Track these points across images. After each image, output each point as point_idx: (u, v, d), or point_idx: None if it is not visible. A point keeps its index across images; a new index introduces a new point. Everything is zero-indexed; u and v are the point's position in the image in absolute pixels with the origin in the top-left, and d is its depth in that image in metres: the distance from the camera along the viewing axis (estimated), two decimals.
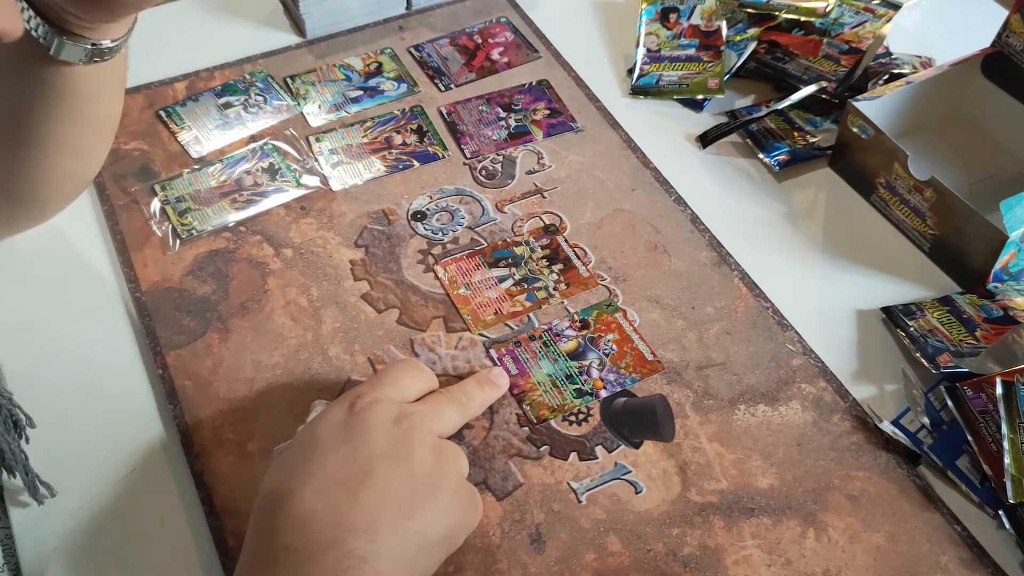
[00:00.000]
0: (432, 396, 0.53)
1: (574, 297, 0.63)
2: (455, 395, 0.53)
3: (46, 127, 0.53)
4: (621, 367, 0.59)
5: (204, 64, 0.77)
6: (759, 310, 0.62)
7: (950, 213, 0.63)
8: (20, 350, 0.59)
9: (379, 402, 0.48)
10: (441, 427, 0.51)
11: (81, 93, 0.53)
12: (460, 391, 0.54)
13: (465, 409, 0.54)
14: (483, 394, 0.55)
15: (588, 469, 0.54)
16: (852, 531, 0.52)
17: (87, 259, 0.64)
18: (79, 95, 0.53)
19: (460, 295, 0.62)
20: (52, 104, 0.52)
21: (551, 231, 0.66)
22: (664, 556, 0.51)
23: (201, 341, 0.60)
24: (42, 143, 0.54)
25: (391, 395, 0.50)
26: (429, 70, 0.78)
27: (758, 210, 0.70)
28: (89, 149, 0.58)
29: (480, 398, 0.55)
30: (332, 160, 0.71)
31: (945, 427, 0.56)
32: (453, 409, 0.52)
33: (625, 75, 0.79)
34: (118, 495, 0.53)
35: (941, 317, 0.61)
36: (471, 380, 0.56)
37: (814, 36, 0.78)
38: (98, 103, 0.55)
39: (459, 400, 0.53)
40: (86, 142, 0.57)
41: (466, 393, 0.54)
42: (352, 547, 0.43)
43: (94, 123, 0.56)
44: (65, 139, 0.55)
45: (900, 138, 0.66)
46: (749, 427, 0.56)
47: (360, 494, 0.44)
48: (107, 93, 0.55)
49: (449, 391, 0.54)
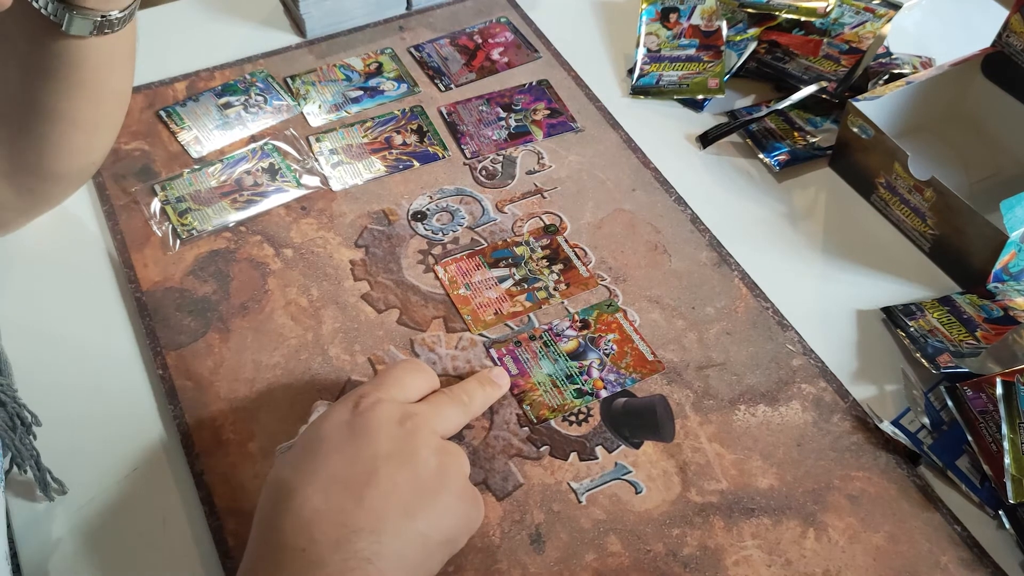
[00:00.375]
0: (434, 396, 0.53)
1: (574, 297, 0.63)
2: (457, 395, 0.53)
3: (60, 101, 0.54)
4: (621, 367, 0.59)
5: (204, 64, 0.77)
6: (759, 310, 0.62)
7: (950, 213, 0.63)
8: (20, 350, 0.58)
9: (383, 402, 0.49)
10: (444, 427, 0.51)
11: (92, 66, 0.54)
12: (462, 391, 0.54)
13: (467, 409, 0.54)
14: (485, 394, 0.55)
15: (588, 469, 0.54)
16: (852, 531, 0.52)
17: (87, 259, 0.64)
18: (90, 68, 0.54)
19: (460, 295, 0.62)
20: (64, 78, 0.53)
21: (551, 231, 0.66)
22: (664, 556, 0.51)
23: (201, 341, 0.60)
24: (57, 117, 0.55)
25: (394, 395, 0.50)
26: (429, 70, 0.78)
27: (758, 210, 0.70)
28: (101, 123, 0.59)
29: (482, 398, 0.55)
30: (332, 160, 0.71)
31: (945, 427, 0.56)
32: (455, 409, 0.53)
33: (625, 75, 0.79)
34: (118, 495, 0.53)
35: (941, 317, 0.61)
36: (473, 380, 0.56)
37: (814, 36, 0.78)
38: (109, 76, 0.56)
39: (461, 400, 0.53)
40: (99, 116, 0.58)
41: (468, 393, 0.54)
42: (358, 548, 0.43)
43: (107, 97, 0.57)
44: (79, 113, 0.56)
45: (900, 138, 0.66)
46: (749, 427, 0.57)
47: (365, 494, 0.44)
48: (118, 66, 0.56)
49: (451, 391, 0.54)
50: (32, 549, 0.51)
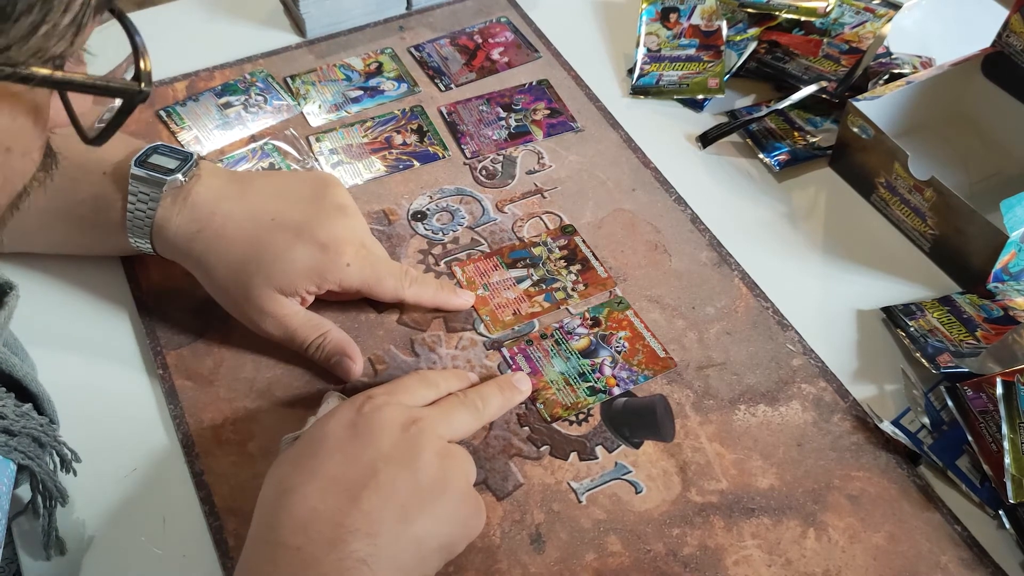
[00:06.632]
0: (446, 400, 0.52)
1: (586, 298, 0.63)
2: (471, 400, 0.53)
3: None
4: (633, 364, 0.59)
5: (204, 64, 0.77)
6: (759, 310, 0.62)
7: (950, 213, 0.63)
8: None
9: (389, 405, 0.48)
10: (451, 432, 0.50)
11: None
12: (477, 395, 0.53)
13: (480, 414, 0.53)
14: (503, 398, 0.55)
15: (588, 469, 0.54)
16: (852, 531, 0.52)
17: (87, 258, 0.64)
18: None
19: (478, 296, 0.62)
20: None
21: (568, 232, 0.66)
22: (664, 556, 0.51)
23: (201, 341, 0.60)
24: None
25: (402, 400, 0.50)
26: (429, 70, 0.78)
27: (758, 210, 0.70)
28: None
29: (498, 403, 0.54)
30: (332, 160, 0.71)
31: (945, 427, 0.56)
32: (466, 414, 0.52)
33: (625, 75, 0.79)
34: (118, 495, 0.53)
35: (941, 317, 0.61)
36: (492, 383, 0.55)
37: (814, 36, 0.78)
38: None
39: (474, 405, 0.53)
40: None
41: (483, 397, 0.53)
42: (353, 548, 0.43)
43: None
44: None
45: (900, 138, 0.66)
46: (749, 427, 0.57)
47: (362, 496, 0.44)
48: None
49: (465, 394, 0.53)
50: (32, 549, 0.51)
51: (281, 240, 0.55)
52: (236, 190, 0.57)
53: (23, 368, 0.49)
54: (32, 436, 0.47)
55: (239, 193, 0.57)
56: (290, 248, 0.55)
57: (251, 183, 0.58)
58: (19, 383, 0.49)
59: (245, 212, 0.56)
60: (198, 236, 0.55)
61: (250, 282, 0.55)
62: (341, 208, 0.57)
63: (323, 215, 0.56)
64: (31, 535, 0.51)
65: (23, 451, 0.47)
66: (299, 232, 0.55)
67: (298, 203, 0.57)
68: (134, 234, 0.56)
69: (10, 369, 0.48)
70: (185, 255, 0.56)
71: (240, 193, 0.57)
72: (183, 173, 0.55)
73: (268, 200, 0.57)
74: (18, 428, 0.46)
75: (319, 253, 0.55)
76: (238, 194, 0.57)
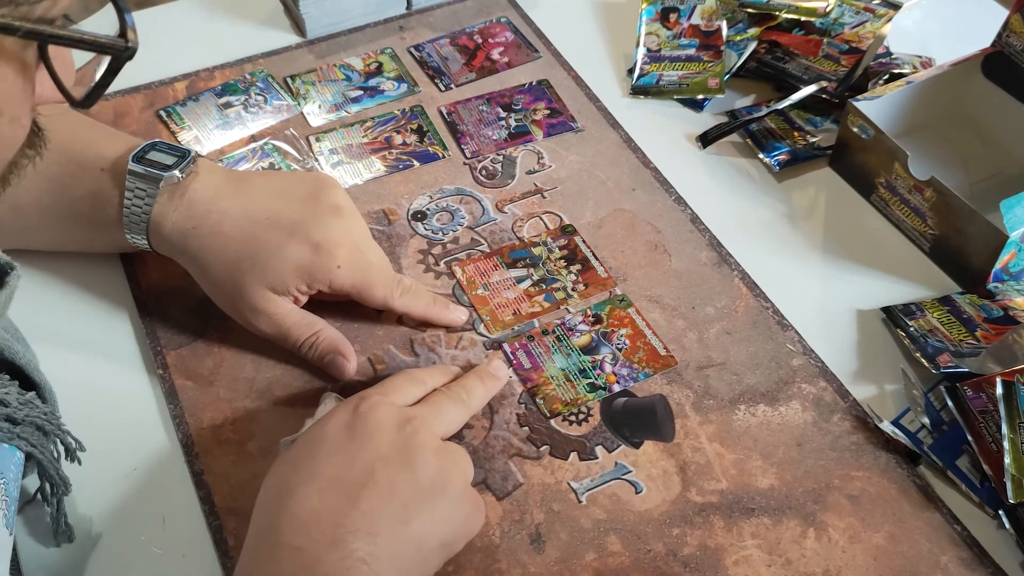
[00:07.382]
0: (433, 396, 0.53)
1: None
2: (456, 393, 0.53)
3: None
4: (634, 361, 0.59)
5: (204, 64, 0.77)
6: (759, 310, 0.62)
7: (950, 213, 0.63)
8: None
9: (383, 405, 0.49)
10: (445, 428, 0.51)
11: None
12: (461, 388, 0.54)
13: (467, 405, 0.53)
14: (484, 388, 0.55)
15: (588, 469, 0.54)
16: (852, 531, 0.52)
17: (87, 258, 0.64)
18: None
19: (478, 296, 0.62)
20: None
21: (568, 232, 0.66)
22: (664, 556, 0.51)
23: (201, 341, 0.60)
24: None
25: (395, 400, 0.50)
26: (429, 70, 0.78)
27: (758, 210, 0.70)
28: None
29: (481, 392, 0.55)
30: (332, 160, 0.71)
31: (945, 427, 0.56)
32: (455, 407, 0.52)
33: (625, 75, 0.79)
34: (118, 495, 0.53)
35: (941, 317, 0.61)
36: (471, 375, 0.55)
37: (814, 36, 0.78)
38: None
39: (460, 397, 0.53)
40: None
41: (467, 389, 0.54)
42: (354, 548, 0.43)
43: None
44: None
45: (900, 138, 0.66)
46: (749, 427, 0.57)
47: (361, 496, 0.44)
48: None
49: (450, 388, 0.53)
50: (32, 548, 0.51)
51: (275, 238, 0.55)
52: (233, 188, 0.57)
53: (26, 356, 0.49)
54: (36, 424, 0.47)
55: (236, 191, 0.57)
56: (283, 247, 0.55)
57: (249, 182, 0.58)
58: (22, 371, 0.49)
59: (241, 210, 0.56)
60: (194, 233, 0.55)
61: (243, 280, 0.55)
62: (337, 209, 0.57)
63: (318, 215, 0.56)
64: (34, 524, 0.51)
65: (27, 439, 0.46)
66: (293, 231, 0.55)
67: (294, 203, 0.57)
68: (131, 230, 0.56)
69: (12, 356, 0.48)
70: (181, 252, 0.56)
71: (237, 191, 0.57)
72: (180, 170, 0.55)
73: (265, 199, 0.57)
74: (22, 416, 0.46)
75: (311, 253, 0.55)
76: (235, 192, 0.57)
